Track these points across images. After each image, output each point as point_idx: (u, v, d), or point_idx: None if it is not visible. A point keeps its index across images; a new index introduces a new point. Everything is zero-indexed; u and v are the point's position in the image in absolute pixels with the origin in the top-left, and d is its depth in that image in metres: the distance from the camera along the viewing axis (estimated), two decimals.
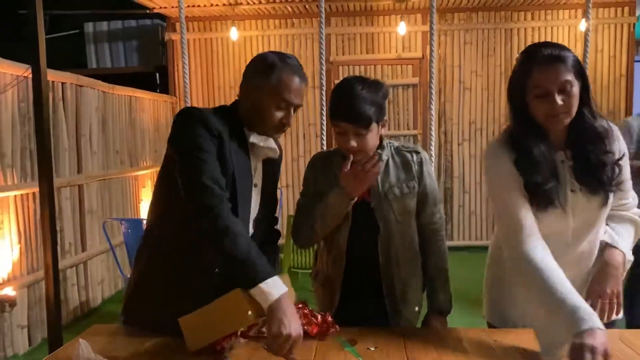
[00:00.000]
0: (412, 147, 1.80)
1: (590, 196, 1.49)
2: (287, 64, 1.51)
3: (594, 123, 1.47)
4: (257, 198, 1.61)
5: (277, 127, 1.53)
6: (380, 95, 1.62)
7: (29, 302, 3.66)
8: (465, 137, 6.30)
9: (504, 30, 6.17)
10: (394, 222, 1.73)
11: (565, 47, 1.47)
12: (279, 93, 1.49)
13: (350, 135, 1.61)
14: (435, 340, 1.52)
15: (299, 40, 6.31)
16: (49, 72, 3.89)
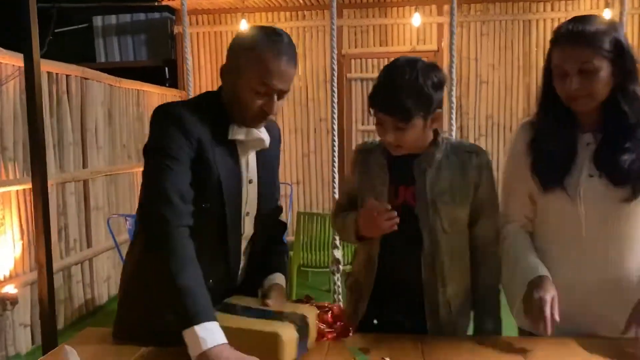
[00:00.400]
0: (473, 147, 1.51)
1: (611, 185, 1.34)
2: (270, 43, 1.29)
3: (625, 110, 1.32)
4: (254, 194, 1.44)
5: (257, 116, 1.33)
6: (430, 84, 1.36)
7: (31, 301, 3.56)
8: (482, 132, 6.12)
9: (522, 22, 5.97)
10: (441, 233, 1.47)
11: (599, 21, 1.31)
12: (258, 76, 1.28)
13: (389, 127, 1.39)
14: (457, 350, 1.38)
15: (310, 32, 6.17)
16: (53, 64, 3.83)
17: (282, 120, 6.24)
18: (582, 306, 1.42)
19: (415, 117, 1.36)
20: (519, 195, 1.51)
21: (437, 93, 1.39)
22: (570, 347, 1.36)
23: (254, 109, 1.31)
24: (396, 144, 1.42)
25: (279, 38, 1.31)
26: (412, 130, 1.39)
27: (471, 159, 1.47)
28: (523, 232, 1.51)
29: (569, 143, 1.38)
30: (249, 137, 1.37)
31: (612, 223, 1.36)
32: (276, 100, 1.32)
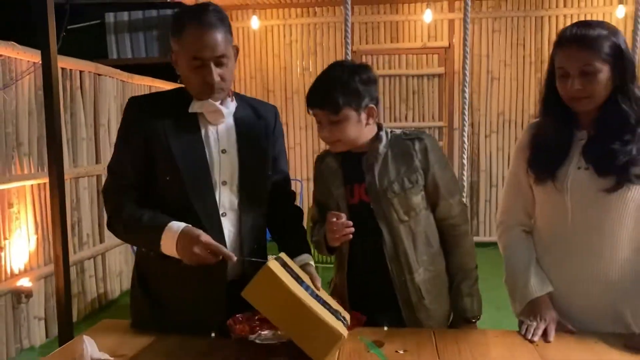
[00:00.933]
0: (414, 134, 1.56)
1: (597, 177, 1.39)
2: (192, 17, 1.38)
3: (624, 109, 1.37)
4: (229, 163, 1.49)
5: (202, 88, 1.42)
6: (357, 79, 1.46)
7: (45, 294, 3.61)
8: (493, 129, 6.09)
9: (535, 18, 5.93)
10: (398, 222, 1.52)
11: (602, 26, 1.38)
12: (187, 51, 1.38)
13: (324, 123, 1.49)
14: (470, 343, 1.40)
15: (321, 29, 6.16)
16: (67, 60, 3.87)
17: (292, 117, 6.25)
18: (567, 295, 1.47)
19: (344, 108, 1.45)
20: (521, 190, 1.57)
21: (367, 88, 1.48)
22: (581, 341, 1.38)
23: (198, 83, 1.41)
24: (333, 138, 1.49)
25: (201, 9, 1.39)
26: (346, 123, 1.47)
27: (414, 145, 1.53)
28: (524, 238, 1.58)
29: (565, 139, 1.45)
30: (204, 108, 1.45)
31: (595, 214, 1.41)
32: (214, 68, 1.39)
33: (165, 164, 1.43)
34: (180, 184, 1.43)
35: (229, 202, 1.48)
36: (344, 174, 1.57)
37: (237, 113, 1.52)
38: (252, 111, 1.57)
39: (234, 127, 1.51)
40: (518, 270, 1.54)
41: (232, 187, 1.49)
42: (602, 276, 1.42)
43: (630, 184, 1.36)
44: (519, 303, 1.52)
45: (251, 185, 1.52)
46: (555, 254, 1.50)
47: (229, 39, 1.42)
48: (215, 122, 1.48)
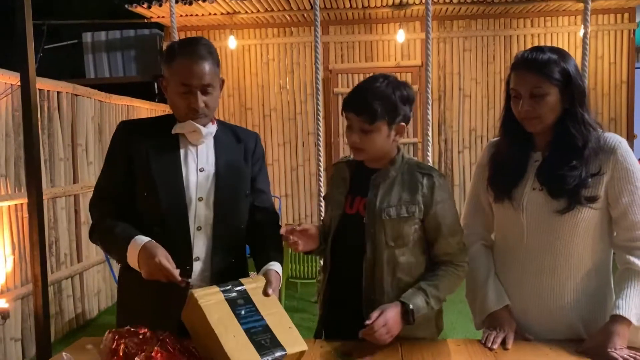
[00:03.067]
0: (427, 169, 1.57)
1: (550, 198, 1.46)
2: (183, 50, 1.52)
3: (572, 133, 1.45)
4: (206, 181, 1.60)
5: (187, 112, 1.55)
6: (398, 94, 1.49)
7: (22, 315, 3.60)
8: (466, 144, 6.25)
9: (504, 37, 6.15)
10: (384, 245, 1.53)
11: (554, 52, 1.46)
12: (177, 79, 1.52)
13: (355, 128, 1.51)
14: (434, 352, 1.48)
15: (297, 48, 6.29)
16: (44, 82, 3.90)
17: (270, 133, 6.33)
18: (522, 310, 1.56)
19: (379, 120, 1.47)
20: (481, 206, 1.66)
21: (404, 106, 1.51)
22: (536, 349, 1.47)
23: (182, 107, 1.55)
24: (360, 146, 1.52)
25: (191, 42, 1.55)
26: (377, 134, 1.49)
27: (423, 179, 1.54)
28: (484, 252, 1.65)
29: (521, 160, 1.53)
30: (185, 129, 1.58)
31: (548, 233, 1.49)
32: (200, 96, 1.53)
33: (144, 181, 1.56)
34: (156, 200, 1.54)
35: (204, 216, 1.58)
36: (351, 184, 1.62)
37: (218, 136, 1.64)
38: (232, 135, 1.69)
39: (212, 148, 1.63)
40: (477, 284, 1.61)
41: (207, 203, 1.59)
42: (556, 292, 1.51)
43: (581, 206, 1.44)
44: (478, 316, 1.60)
45: (227, 201, 1.61)
46: (513, 270, 1.58)
47: (215, 71, 1.55)
48: (195, 142, 1.60)
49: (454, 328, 3.94)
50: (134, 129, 1.64)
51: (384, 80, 1.51)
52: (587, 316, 1.51)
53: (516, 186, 1.52)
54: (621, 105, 6.11)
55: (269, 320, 1.35)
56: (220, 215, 1.60)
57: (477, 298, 1.61)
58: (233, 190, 1.63)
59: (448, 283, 1.53)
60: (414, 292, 1.49)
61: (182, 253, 1.55)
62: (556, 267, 1.50)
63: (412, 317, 1.45)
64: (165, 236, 1.52)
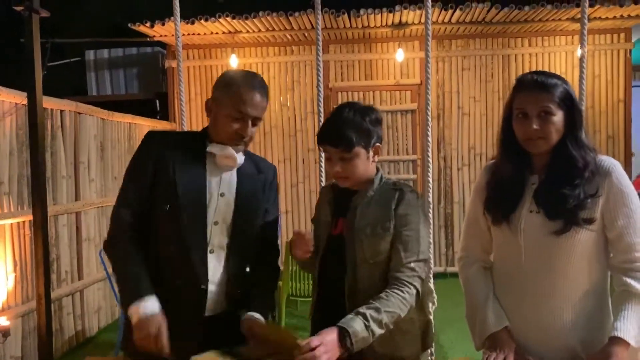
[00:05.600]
0: (400, 185, 1.66)
1: (547, 220, 1.48)
2: (245, 80, 1.60)
3: (574, 154, 1.48)
4: (226, 206, 1.64)
5: (233, 137, 1.60)
6: (367, 120, 1.60)
7: (23, 332, 3.59)
8: (465, 162, 6.29)
9: (502, 57, 6.22)
10: (363, 263, 1.59)
11: (557, 77, 1.51)
12: (234, 105, 1.57)
13: (336, 159, 1.59)
14: None
15: (298, 67, 6.35)
16: (48, 100, 3.94)
17: (271, 150, 6.38)
18: (521, 331, 1.57)
19: (356, 146, 1.57)
20: (479, 228, 1.67)
21: (375, 128, 1.62)
22: None
23: (230, 131, 1.59)
24: (343, 174, 1.61)
25: (253, 76, 1.64)
26: (357, 160, 1.59)
27: (395, 195, 1.63)
28: (483, 274, 1.67)
29: (519, 183, 1.55)
30: (222, 151, 1.61)
31: (546, 255, 1.51)
32: (250, 126, 1.59)
33: (167, 196, 1.58)
34: (177, 218, 1.57)
35: (218, 241, 1.62)
36: (335, 206, 1.70)
37: (241, 164, 1.68)
38: (254, 165, 1.74)
39: (235, 176, 1.67)
40: (476, 306, 1.62)
41: (222, 228, 1.63)
42: (555, 313, 1.52)
43: (578, 227, 1.46)
44: (478, 338, 1.61)
45: (242, 228, 1.66)
46: (511, 292, 1.59)
47: (266, 107, 1.64)
48: (223, 167, 1.64)
49: (453, 347, 3.93)
50: (162, 140, 1.66)
51: (350, 109, 1.61)
52: (586, 337, 1.52)
53: (514, 209, 1.54)
54: (619, 124, 6.16)
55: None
56: (236, 241, 1.64)
57: (477, 319, 1.62)
58: (250, 217, 1.69)
59: (391, 306, 1.50)
60: (352, 316, 1.47)
61: (197, 274, 1.58)
62: (554, 288, 1.52)
63: (350, 341, 1.42)
64: (181, 255, 1.57)
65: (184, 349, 1.49)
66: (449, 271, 6.14)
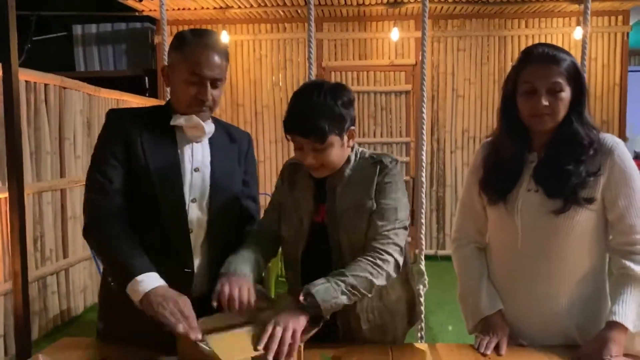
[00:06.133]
0: (379, 156, 1.50)
1: (546, 199, 1.43)
2: (198, 39, 1.47)
3: (579, 131, 1.42)
4: (201, 181, 1.54)
5: (193, 103, 1.48)
6: (340, 103, 1.41)
7: (5, 311, 3.52)
8: (458, 145, 6.23)
9: (498, 38, 6.12)
10: (348, 248, 1.47)
11: (565, 51, 1.44)
12: (188, 67, 1.45)
13: (308, 150, 1.42)
14: (426, 357, 1.46)
15: (291, 44, 6.23)
16: (31, 73, 3.82)
17: (262, 131, 6.28)
18: (516, 315, 1.52)
19: (330, 136, 1.39)
20: (474, 209, 1.61)
21: (348, 111, 1.43)
22: (531, 354, 1.44)
23: (189, 97, 1.47)
24: (318, 165, 1.44)
25: (207, 34, 1.50)
26: (331, 149, 1.41)
27: (375, 170, 1.48)
28: (477, 255, 1.62)
29: (517, 161, 1.49)
30: (188, 122, 1.50)
31: (543, 236, 1.45)
32: (209, 88, 1.48)
33: (141, 177, 1.48)
34: (153, 198, 1.47)
35: (196, 219, 1.53)
36: (316, 191, 1.54)
37: (212, 134, 1.57)
38: (226, 135, 1.63)
39: (208, 147, 1.57)
40: (470, 288, 1.58)
41: (201, 205, 1.54)
42: (551, 297, 1.47)
43: (578, 206, 1.40)
44: (471, 321, 1.57)
45: (221, 204, 1.56)
46: (506, 274, 1.54)
47: (225, 66, 1.51)
48: (193, 138, 1.53)
49: (443, 329, 3.91)
50: (127, 118, 1.53)
51: (319, 92, 1.40)
52: (582, 322, 1.47)
53: (511, 189, 1.48)
54: (614, 108, 6.11)
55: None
56: (215, 218, 1.55)
57: (470, 302, 1.57)
58: (227, 193, 1.59)
59: (359, 270, 1.38)
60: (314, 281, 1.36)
61: (182, 256, 1.50)
62: (551, 271, 1.46)
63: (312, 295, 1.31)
64: (163, 239, 1.47)
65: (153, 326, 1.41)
66: (440, 254, 6.12)
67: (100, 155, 1.50)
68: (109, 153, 1.48)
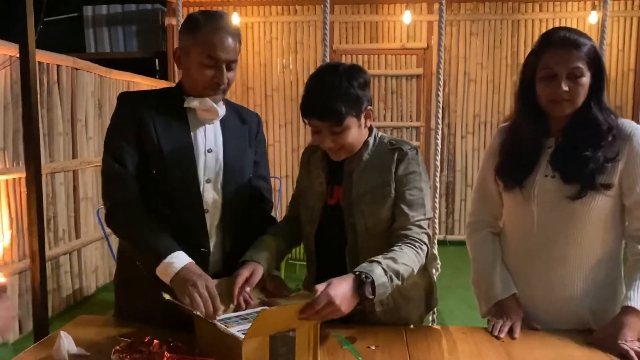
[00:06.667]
0: (399, 143, 1.50)
1: (563, 184, 1.42)
2: (211, 21, 1.46)
3: (598, 116, 1.41)
4: (214, 162, 1.55)
5: (208, 86, 1.48)
6: (356, 84, 1.41)
7: (20, 290, 3.58)
8: (469, 130, 6.20)
9: (511, 22, 6.04)
10: (363, 232, 1.48)
11: (585, 35, 1.42)
12: (203, 51, 1.45)
13: (325, 133, 1.42)
14: (439, 339, 1.46)
15: (302, 27, 6.19)
16: (44, 54, 3.83)
17: (272, 114, 6.27)
18: (530, 299, 1.53)
19: (347, 118, 1.39)
20: (489, 194, 1.61)
21: (364, 92, 1.44)
22: (544, 338, 1.44)
23: (205, 80, 1.47)
24: (336, 147, 1.45)
25: (220, 16, 1.48)
26: (348, 131, 1.42)
27: (394, 155, 1.48)
28: (491, 240, 1.62)
29: (534, 147, 1.48)
30: (202, 105, 1.50)
31: (560, 221, 1.45)
32: (225, 71, 1.47)
33: (154, 159, 1.48)
34: (167, 179, 1.48)
35: (212, 199, 1.54)
36: (329, 173, 1.55)
37: (224, 116, 1.58)
38: (237, 116, 1.64)
39: (220, 129, 1.57)
40: (483, 272, 1.58)
41: (216, 186, 1.55)
42: (566, 281, 1.48)
43: (595, 192, 1.40)
44: (485, 304, 1.57)
45: (234, 184, 1.58)
46: (522, 258, 1.54)
47: (239, 48, 1.50)
48: (206, 121, 1.54)
49: (452, 314, 3.93)
50: (139, 101, 1.53)
51: (335, 75, 1.41)
52: (596, 306, 1.48)
53: (527, 174, 1.47)
54: (627, 93, 6.04)
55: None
56: (229, 199, 1.56)
57: (483, 286, 1.58)
58: (240, 174, 1.60)
59: (407, 259, 1.37)
60: (368, 264, 1.33)
61: (198, 236, 1.52)
62: (566, 256, 1.47)
63: (372, 287, 1.27)
64: (178, 219, 1.49)
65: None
66: (449, 239, 6.12)
67: (114, 140, 1.50)
68: (122, 137, 1.48)
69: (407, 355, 1.34)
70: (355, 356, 1.33)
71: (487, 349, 1.38)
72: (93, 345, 1.35)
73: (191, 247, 1.49)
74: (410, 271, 1.39)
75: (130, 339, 1.30)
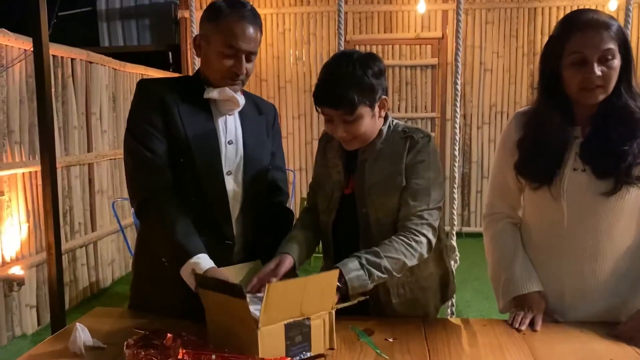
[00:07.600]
0: (412, 130, 1.47)
1: (595, 179, 1.34)
2: (234, 10, 1.42)
3: (629, 103, 1.32)
4: (234, 154, 1.53)
5: (227, 75, 1.45)
6: (370, 73, 1.37)
7: (37, 282, 3.62)
8: (485, 120, 6.12)
9: (528, 10, 5.94)
10: (375, 222, 1.46)
11: (610, 15, 1.33)
12: (224, 40, 1.42)
13: (338, 122, 1.39)
14: (458, 331, 1.43)
15: (315, 18, 6.14)
16: (59, 48, 3.84)
17: (285, 106, 6.24)
18: (559, 293, 1.47)
19: (360, 107, 1.36)
20: (506, 184, 1.53)
21: (379, 80, 1.40)
22: (566, 331, 1.41)
23: (224, 69, 1.44)
24: (349, 137, 1.42)
25: (242, 5, 1.45)
26: (361, 121, 1.39)
27: (405, 145, 1.45)
28: (511, 231, 1.55)
29: (560, 137, 1.38)
30: (222, 95, 1.47)
31: (592, 216, 1.37)
32: (244, 62, 1.44)
33: (180, 147, 1.45)
34: (193, 170, 1.46)
35: (232, 191, 1.52)
36: (346, 161, 1.53)
37: (242, 107, 1.55)
38: (254, 106, 1.62)
39: (239, 120, 1.55)
40: (503, 264, 1.52)
41: (236, 178, 1.53)
42: (597, 275, 1.41)
43: (629, 185, 1.32)
44: (503, 298, 1.52)
45: (254, 176, 1.56)
46: (550, 254, 1.47)
47: (260, 39, 1.48)
48: (226, 111, 1.51)
49: (469, 306, 3.89)
50: (163, 88, 1.48)
51: (349, 62, 1.37)
52: (628, 299, 1.42)
53: (556, 170, 1.38)
54: None
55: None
56: (248, 190, 1.55)
57: (502, 278, 1.51)
58: (258, 165, 1.58)
59: (393, 251, 1.37)
60: (348, 258, 1.35)
61: (221, 228, 1.50)
62: (599, 250, 1.39)
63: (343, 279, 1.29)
64: (204, 209, 1.47)
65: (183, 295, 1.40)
66: (465, 231, 6.07)
67: (140, 127, 1.45)
68: (147, 124, 1.44)
69: (425, 348, 1.31)
70: (373, 349, 1.30)
71: (507, 341, 1.35)
72: (109, 337, 1.35)
73: (214, 238, 1.48)
74: (400, 264, 1.38)
75: (144, 331, 1.28)
